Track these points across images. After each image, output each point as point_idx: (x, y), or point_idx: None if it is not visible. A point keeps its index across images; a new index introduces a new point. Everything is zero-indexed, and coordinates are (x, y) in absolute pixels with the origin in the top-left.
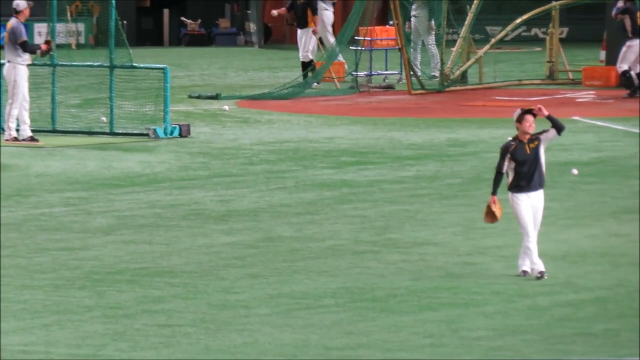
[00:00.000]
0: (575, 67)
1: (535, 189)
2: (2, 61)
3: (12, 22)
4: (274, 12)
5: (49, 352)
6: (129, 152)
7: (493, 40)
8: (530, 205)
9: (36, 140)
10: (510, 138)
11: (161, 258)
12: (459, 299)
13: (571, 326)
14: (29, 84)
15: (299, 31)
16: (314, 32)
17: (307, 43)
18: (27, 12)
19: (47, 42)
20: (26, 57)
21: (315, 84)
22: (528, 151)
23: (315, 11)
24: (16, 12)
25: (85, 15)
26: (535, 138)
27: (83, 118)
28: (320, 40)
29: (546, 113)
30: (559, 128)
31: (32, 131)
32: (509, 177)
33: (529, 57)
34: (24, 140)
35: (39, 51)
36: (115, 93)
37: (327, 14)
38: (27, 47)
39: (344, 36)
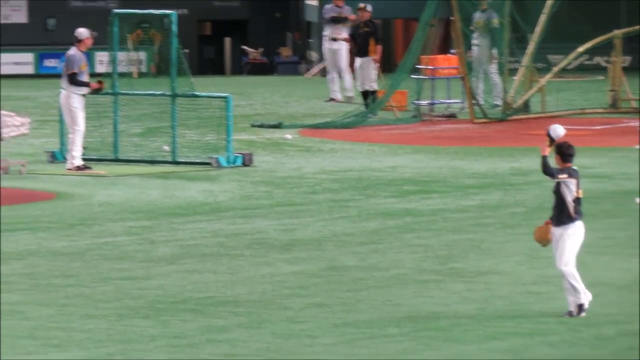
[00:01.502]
0: (638, 96)
1: (557, 224)
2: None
3: (70, 51)
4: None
5: None
6: (192, 181)
7: (555, 69)
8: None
9: (89, 168)
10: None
11: (225, 287)
12: (524, 329)
13: (637, 356)
14: (85, 113)
15: (359, 60)
16: (375, 61)
17: (369, 72)
18: (88, 42)
19: (99, 82)
20: (81, 87)
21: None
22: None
23: (378, 40)
24: (77, 41)
25: (146, 43)
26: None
27: (145, 147)
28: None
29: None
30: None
31: (94, 160)
32: None
33: (591, 86)
34: (69, 169)
35: (87, 89)
36: (177, 122)
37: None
38: (75, 80)
39: (406, 65)
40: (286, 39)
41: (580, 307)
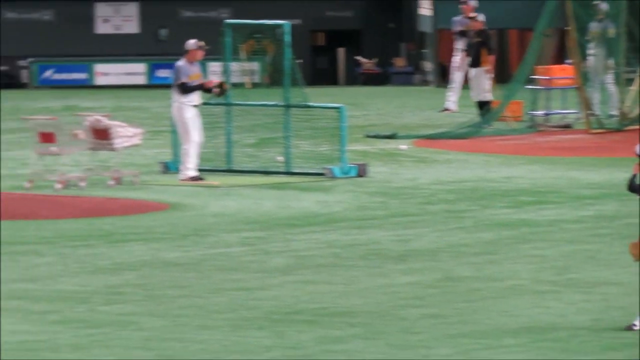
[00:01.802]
0: None
1: None
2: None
3: (179, 62)
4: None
5: None
6: (306, 191)
7: None
8: None
9: (202, 179)
10: None
11: (340, 298)
12: None
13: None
14: (199, 124)
15: (472, 70)
16: (488, 72)
17: (482, 82)
18: (196, 53)
19: (221, 84)
20: (193, 98)
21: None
22: None
23: (490, 50)
24: (186, 52)
25: (259, 54)
26: None
27: (259, 157)
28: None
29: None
30: None
31: (208, 170)
32: None
33: None
34: (183, 180)
35: (216, 90)
36: (291, 132)
37: None
38: (185, 88)
39: (521, 75)
40: (400, 49)
41: None
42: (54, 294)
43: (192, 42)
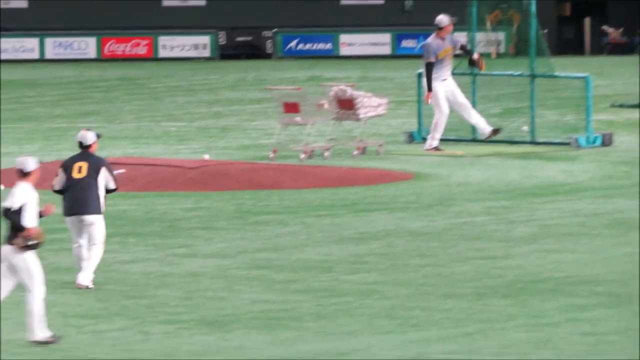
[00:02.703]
0: None
1: None
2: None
3: (428, 39)
4: None
5: None
6: (551, 161)
7: None
8: None
9: (439, 150)
10: None
11: (584, 267)
12: None
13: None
14: (459, 96)
15: None
16: None
17: None
18: (448, 29)
19: (479, 56)
20: (443, 73)
21: None
22: None
23: None
24: (438, 29)
25: (504, 24)
26: None
27: (504, 127)
28: None
29: None
30: None
31: (452, 141)
32: None
33: None
34: (427, 150)
35: (476, 58)
36: (536, 102)
37: None
38: (429, 69)
39: None
40: None
41: None
42: (297, 263)
43: (445, 19)
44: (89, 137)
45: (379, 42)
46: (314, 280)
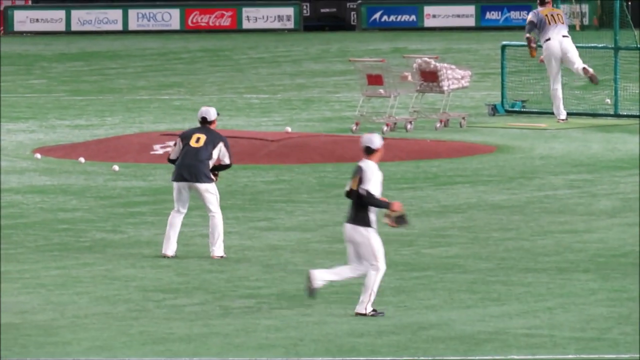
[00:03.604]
0: None
1: None
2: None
3: (531, 13)
4: None
5: (553, 335)
6: (634, 134)
7: None
8: None
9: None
10: None
11: None
12: None
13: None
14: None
15: None
16: None
17: None
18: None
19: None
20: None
21: None
22: None
23: None
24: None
25: None
26: None
27: (587, 100)
28: None
29: None
30: None
31: (535, 113)
32: None
33: None
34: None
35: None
36: (620, 75)
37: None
38: (528, 36)
39: None
40: None
41: None
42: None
43: None
44: (212, 112)
45: (463, 13)
46: (395, 254)
